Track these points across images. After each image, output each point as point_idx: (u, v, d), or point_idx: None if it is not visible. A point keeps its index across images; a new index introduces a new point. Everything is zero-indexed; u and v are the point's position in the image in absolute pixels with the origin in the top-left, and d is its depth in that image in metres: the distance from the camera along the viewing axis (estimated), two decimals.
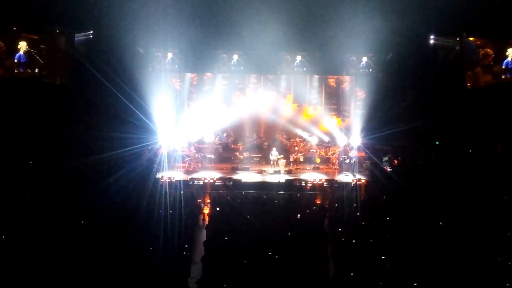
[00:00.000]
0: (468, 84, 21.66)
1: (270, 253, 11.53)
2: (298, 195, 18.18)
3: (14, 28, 20.79)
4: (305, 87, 24.90)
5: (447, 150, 21.58)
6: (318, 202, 17.74)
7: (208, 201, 17.87)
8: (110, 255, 10.73)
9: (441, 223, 12.93)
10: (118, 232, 12.07)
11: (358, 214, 14.75)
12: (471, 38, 21.51)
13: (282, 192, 18.91)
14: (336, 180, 20.20)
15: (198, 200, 17.57)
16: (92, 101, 22.12)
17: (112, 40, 21.42)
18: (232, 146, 24.67)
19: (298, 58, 23.24)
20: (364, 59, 23.27)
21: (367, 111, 23.17)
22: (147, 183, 17.27)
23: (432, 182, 17.25)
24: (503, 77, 21.36)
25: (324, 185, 19.78)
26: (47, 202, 14.22)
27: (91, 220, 12.61)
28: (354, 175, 20.86)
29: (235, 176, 20.45)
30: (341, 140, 23.40)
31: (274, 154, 22.22)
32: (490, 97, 20.79)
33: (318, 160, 23.12)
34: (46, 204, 13.98)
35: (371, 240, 12.24)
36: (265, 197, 17.50)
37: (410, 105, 22.49)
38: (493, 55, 21.35)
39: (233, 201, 16.24)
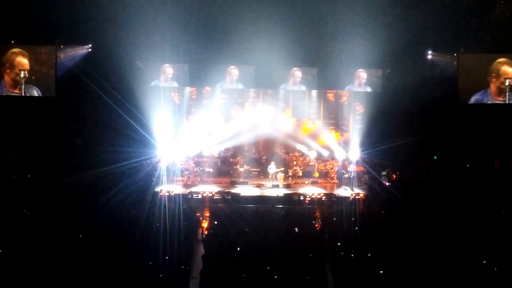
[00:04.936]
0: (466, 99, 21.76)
1: (268, 267, 11.50)
2: (297, 209, 18.17)
3: (12, 41, 20.93)
4: (304, 102, 24.96)
5: (445, 164, 21.64)
6: (317, 216, 17.70)
7: (207, 214, 17.84)
8: (108, 269, 10.69)
9: (436, 237, 12.91)
10: (116, 246, 12.04)
11: (356, 228, 14.73)
12: (468, 54, 21.62)
13: (281, 206, 18.88)
14: (335, 194, 20.18)
15: (197, 214, 17.53)
16: (91, 115, 22.19)
17: (111, 54, 21.53)
18: (231, 160, 24.65)
19: (297, 72, 23.30)
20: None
21: (365, 126, 23.23)
22: (146, 197, 17.27)
23: (430, 197, 17.28)
24: None
25: (323, 199, 19.76)
26: (45, 216, 14.20)
27: (89, 234, 12.59)
28: (352, 189, 20.89)
29: (233, 190, 20.44)
30: (339, 155, 23.40)
31: (272, 168, 22.30)
32: (488, 112, 20.90)
33: (316, 174, 23.11)
34: (44, 218, 13.96)
35: (369, 254, 12.22)
36: (263, 211, 17.47)
37: (408, 120, 22.57)
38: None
39: (232, 214, 16.20)
